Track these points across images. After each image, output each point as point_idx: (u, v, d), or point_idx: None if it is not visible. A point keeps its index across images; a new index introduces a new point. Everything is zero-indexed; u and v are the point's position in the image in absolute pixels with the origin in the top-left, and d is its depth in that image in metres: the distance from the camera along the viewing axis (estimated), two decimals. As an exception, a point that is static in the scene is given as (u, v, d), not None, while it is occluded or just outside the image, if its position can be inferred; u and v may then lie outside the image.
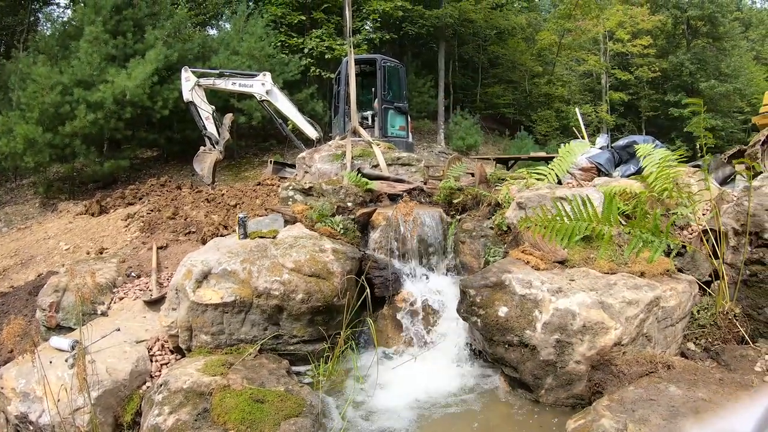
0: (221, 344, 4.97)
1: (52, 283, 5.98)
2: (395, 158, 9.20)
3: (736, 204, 5.36)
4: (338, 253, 5.60)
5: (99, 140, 15.40)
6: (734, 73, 35.88)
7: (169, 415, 3.88)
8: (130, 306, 5.92)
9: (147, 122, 16.55)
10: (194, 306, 4.91)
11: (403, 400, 4.78)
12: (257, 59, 17.70)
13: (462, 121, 24.11)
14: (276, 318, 5.07)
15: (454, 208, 7.14)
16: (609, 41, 33.43)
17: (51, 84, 13.93)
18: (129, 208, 10.11)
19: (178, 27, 18.76)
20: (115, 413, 4.46)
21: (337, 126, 14.14)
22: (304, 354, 5.18)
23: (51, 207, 13.71)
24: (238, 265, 5.12)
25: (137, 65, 15.03)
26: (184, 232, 7.81)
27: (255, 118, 16.94)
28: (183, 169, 16.92)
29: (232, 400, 3.98)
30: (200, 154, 12.46)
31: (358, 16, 22.59)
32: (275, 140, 18.97)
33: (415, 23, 23.98)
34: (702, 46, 35.35)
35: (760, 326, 4.88)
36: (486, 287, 4.79)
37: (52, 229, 10.02)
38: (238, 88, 13.06)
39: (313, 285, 5.12)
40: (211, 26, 27.99)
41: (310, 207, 6.55)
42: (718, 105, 34.27)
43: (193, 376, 4.26)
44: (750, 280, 5.07)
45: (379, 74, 13.78)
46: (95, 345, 4.80)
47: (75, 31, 16.39)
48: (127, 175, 16.31)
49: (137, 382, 4.74)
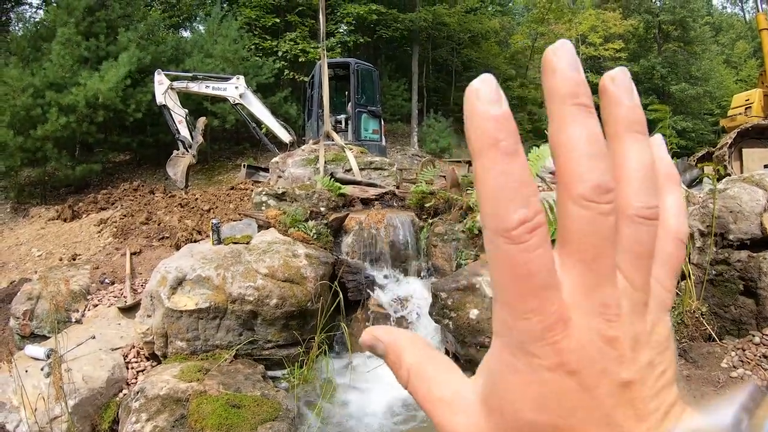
0: (197, 350, 5.00)
1: (25, 291, 5.96)
2: (368, 162, 9.27)
3: (701, 206, 5.51)
4: (311, 258, 5.65)
5: (71, 144, 15.25)
6: (704, 76, 36.56)
7: (147, 422, 3.90)
8: (105, 313, 5.92)
9: (120, 126, 16.43)
10: (169, 312, 4.93)
11: (376, 403, 4.85)
12: (231, 62, 17.67)
13: (435, 124, 24.22)
14: (251, 323, 5.11)
15: (426, 212, 7.23)
16: (581, 45, 33.81)
17: (22, 86, 13.75)
18: (102, 213, 10.06)
19: (152, 29, 18.66)
20: (93, 421, 4.47)
21: (311, 130, 14.17)
22: (279, 358, 5.22)
23: (22, 212, 13.54)
24: (212, 271, 5.15)
25: (110, 68, 14.92)
26: (157, 237, 7.81)
27: (229, 121, 16.88)
28: (156, 173, 16.81)
29: (208, 405, 4.01)
30: (173, 158, 12.41)
31: (333, 19, 22.62)
32: (249, 144, 18.93)
33: (389, 26, 24.03)
34: (673, 50, 35.98)
35: (726, 324, 5.03)
36: (457, 290, 4.88)
37: (24, 235, 9.93)
38: (212, 91, 13.04)
39: (287, 290, 5.17)
40: (184, 28, 27.84)
41: (284, 212, 6.59)
42: (688, 107, 34.89)
43: (169, 382, 4.29)
44: (716, 279, 5.23)
45: (353, 78, 13.84)
46: (71, 353, 4.80)
47: (47, 33, 16.23)
48: (100, 180, 16.17)
49: (114, 390, 4.75)
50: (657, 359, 0.36)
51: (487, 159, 0.32)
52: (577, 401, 0.33)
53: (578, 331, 0.33)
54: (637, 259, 0.36)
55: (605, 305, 0.34)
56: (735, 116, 15.19)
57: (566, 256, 0.34)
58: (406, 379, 0.41)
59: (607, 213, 0.33)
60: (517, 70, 31.48)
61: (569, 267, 0.34)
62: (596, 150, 0.33)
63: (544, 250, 0.32)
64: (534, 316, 0.33)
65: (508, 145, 0.32)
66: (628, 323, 0.35)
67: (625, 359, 0.34)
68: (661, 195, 0.39)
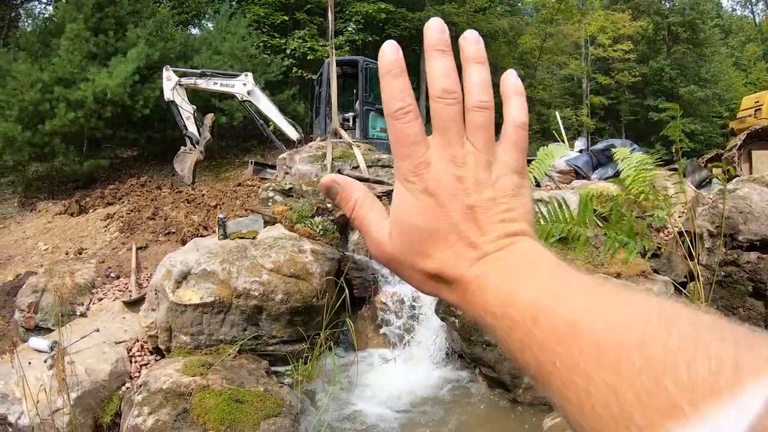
0: (201, 345, 4.97)
1: (30, 284, 5.95)
2: (375, 160, 9.25)
3: (711, 207, 5.47)
4: (317, 254, 5.62)
5: (79, 139, 15.24)
6: (713, 78, 36.43)
7: (149, 415, 3.88)
8: (110, 307, 5.90)
9: (127, 121, 16.39)
10: (174, 306, 4.91)
11: (382, 401, 4.82)
12: (239, 59, 17.64)
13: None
14: (255, 318, 5.08)
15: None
16: (590, 46, 33.73)
17: (31, 81, 13.76)
18: (108, 208, 10.05)
19: (160, 26, 18.63)
20: (95, 414, 4.45)
21: (318, 127, 14.16)
22: (283, 354, 5.19)
23: (30, 206, 13.53)
24: (217, 266, 5.13)
25: (118, 64, 14.91)
26: (163, 232, 7.79)
27: (236, 118, 16.85)
28: (163, 169, 16.80)
29: (211, 400, 3.99)
30: (181, 154, 12.40)
31: (341, 17, 22.60)
32: (256, 141, 18.90)
33: (398, 25, 24.01)
34: (682, 52, 35.85)
35: (734, 327, 4.98)
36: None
37: (30, 228, 9.94)
38: (220, 88, 13.02)
39: (292, 286, 5.14)
40: (193, 25, 27.87)
41: (290, 208, 6.56)
42: (697, 110, 34.74)
43: (172, 376, 4.27)
44: (724, 281, 5.18)
45: (361, 76, 13.82)
46: (74, 346, 4.78)
47: (56, 28, 16.23)
48: (107, 175, 16.16)
49: (117, 383, 4.73)
50: (501, 199, 0.53)
51: (383, 80, 0.55)
52: (437, 214, 0.52)
53: (436, 169, 0.53)
54: (478, 133, 0.54)
55: (454, 156, 0.53)
56: (744, 118, 15.06)
57: (434, 132, 0.54)
58: (351, 208, 0.61)
59: (451, 104, 0.54)
60: (525, 70, 31.35)
61: (435, 138, 0.54)
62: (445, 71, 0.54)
63: (413, 123, 0.54)
64: (409, 159, 0.53)
65: (395, 72, 0.55)
66: (473, 170, 0.53)
67: (470, 191, 0.52)
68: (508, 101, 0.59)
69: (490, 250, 0.51)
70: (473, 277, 0.50)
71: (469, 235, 0.51)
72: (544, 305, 0.43)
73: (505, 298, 0.47)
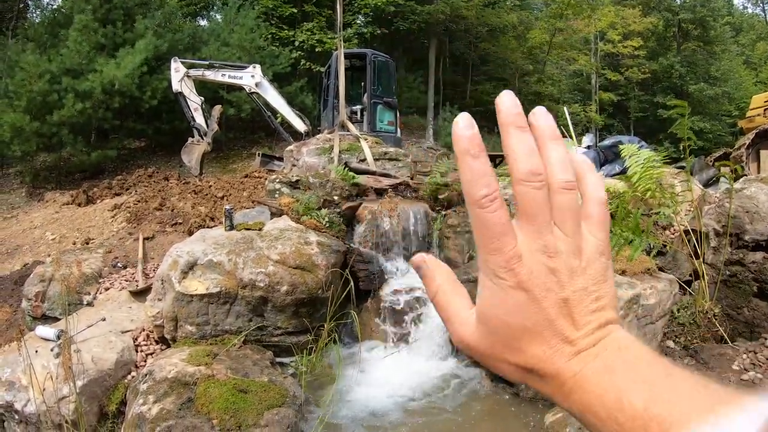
0: (206, 335, 4.99)
1: (38, 273, 5.98)
2: (382, 153, 9.24)
3: (717, 205, 5.45)
4: (323, 245, 5.63)
5: (87, 130, 15.30)
6: (723, 76, 36.24)
7: (154, 404, 3.90)
8: (116, 296, 5.93)
9: (135, 112, 16.44)
10: (180, 296, 4.93)
11: (386, 393, 4.83)
12: (247, 51, 17.67)
13: (451, 117, 23.98)
14: (261, 309, 5.10)
15: (439, 203, 7.20)
16: (600, 41, 33.59)
17: (39, 72, 13.83)
18: (116, 199, 10.10)
19: (169, 17, 18.67)
20: (100, 402, 4.48)
21: (326, 119, 14.14)
22: (288, 345, 5.21)
23: (37, 196, 13.61)
24: (223, 257, 5.15)
25: (126, 55, 14.95)
26: (170, 223, 7.82)
27: (244, 110, 16.87)
28: (171, 160, 16.85)
29: (216, 390, 4.01)
30: (188, 145, 12.44)
31: (350, 10, 22.57)
32: (264, 133, 18.92)
33: (406, 18, 23.93)
34: (692, 49, 35.66)
35: (739, 326, 4.97)
36: (469, 282, 4.83)
37: (38, 218, 10.00)
38: (228, 79, 13.04)
39: (298, 277, 5.15)
40: (201, 17, 27.87)
41: (297, 200, 6.57)
42: (706, 108, 34.57)
43: (177, 366, 4.29)
44: (730, 280, 5.17)
45: (369, 69, 13.81)
46: (81, 335, 4.81)
47: (64, 19, 16.31)
48: (115, 166, 16.22)
49: (122, 372, 4.75)
50: (592, 287, 0.52)
51: (462, 161, 0.51)
52: (531, 309, 0.50)
53: (529, 262, 0.50)
54: (565, 216, 0.52)
55: (546, 246, 0.51)
56: (753, 117, 14.96)
57: (520, 218, 0.52)
58: (434, 292, 0.59)
59: (539, 187, 0.51)
60: (534, 65, 31.27)
61: (522, 225, 0.51)
62: (529, 151, 0.51)
63: (500, 212, 0.50)
64: (499, 253, 0.50)
65: (474, 152, 0.50)
66: (565, 259, 0.51)
67: (563, 284, 0.51)
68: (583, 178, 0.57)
69: (587, 346, 0.50)
70: (572, 373, 0.50)
71: (564, 330, 0.50)
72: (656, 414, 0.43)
73: (611, 403, 0.46)
